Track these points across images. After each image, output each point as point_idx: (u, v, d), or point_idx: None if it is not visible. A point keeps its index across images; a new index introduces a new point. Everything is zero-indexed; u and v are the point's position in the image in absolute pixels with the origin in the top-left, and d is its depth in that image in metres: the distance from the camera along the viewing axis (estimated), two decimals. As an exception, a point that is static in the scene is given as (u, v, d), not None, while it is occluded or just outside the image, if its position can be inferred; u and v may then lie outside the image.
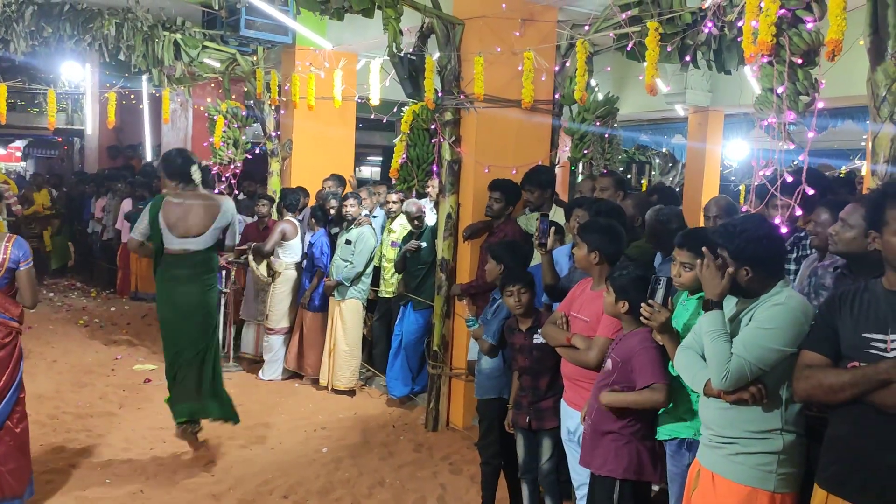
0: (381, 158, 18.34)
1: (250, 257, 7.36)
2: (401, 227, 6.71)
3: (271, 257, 7.18)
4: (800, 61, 3.62)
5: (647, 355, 3.08)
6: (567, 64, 5.63)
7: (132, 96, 11.49)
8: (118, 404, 6.23)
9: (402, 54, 5.74)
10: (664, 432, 3.14)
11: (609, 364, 3.21)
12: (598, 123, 5.63)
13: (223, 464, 5.08)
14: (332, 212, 7.00)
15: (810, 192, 3.63)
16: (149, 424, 5.76)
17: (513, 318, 4.02)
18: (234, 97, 8.64)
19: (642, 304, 2.99)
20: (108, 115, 8.90)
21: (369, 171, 21.86)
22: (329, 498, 4.62)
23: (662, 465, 3.18)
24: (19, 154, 21.34)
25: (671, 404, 3.07)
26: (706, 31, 4.35)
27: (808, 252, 3.66)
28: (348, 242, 6.68)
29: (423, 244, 6.25)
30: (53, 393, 6.39)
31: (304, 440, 5.64)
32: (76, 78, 14.16)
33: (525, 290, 3.91)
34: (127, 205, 11.01)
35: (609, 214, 3.94)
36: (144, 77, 10.52)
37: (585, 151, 5.73)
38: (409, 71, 5.72)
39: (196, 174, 4.90)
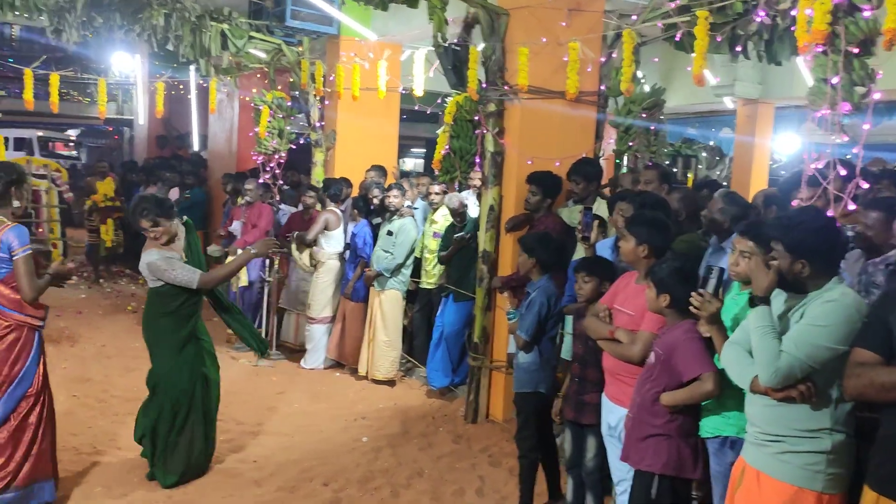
0: (424, 150, 18.37)
1: (293, 246, 7.44)
2: (443, 218, 6.71)
3: (314, 247, 7.25)
4: (856, 51, 3.51)
5: (691, 346, 3.03)
6: (614, 55, 5.55)
7: (180, 86, 11.68)
8: (164, 389, 6.35)
9: (446, 45, 5.71)
10: (707, 429, 3.08)
11: (653, 358, 3.17)
12: (644, 116, 5.54)
13: (265, 450, 5.15)
14: (375, 202, 7.02)
15: (864, 185, 3.53)
16: (193, 409, 5.86)
17: (583, 306, 3.97)
18: (279, 87, 8.72)
19: (693, 294, 2.94)
20: (157, 104, 9.07)
21: (412, 163, 21.90)
22: (368, 487, 4.65)
23: (704, 463, 3.13)
24: (72, 143, 21.90)
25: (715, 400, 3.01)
26: (758, 20, 4.25)
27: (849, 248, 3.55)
28: (390, 233, 6.70)
29: (467, 235, 6.23)
30: (102, 377, 6.55)
31: (344, 429, 5.68)
32: (126, 68, 14.47)
33: (588, 278, 3.83)
34: (174, 194, 11.20)
35: (654, 207, 3.87)
36: (192, 67, 10.68)
37: (631, 144, 5.65)
38: (454, 62, 5.70)
39: None
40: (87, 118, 18.34)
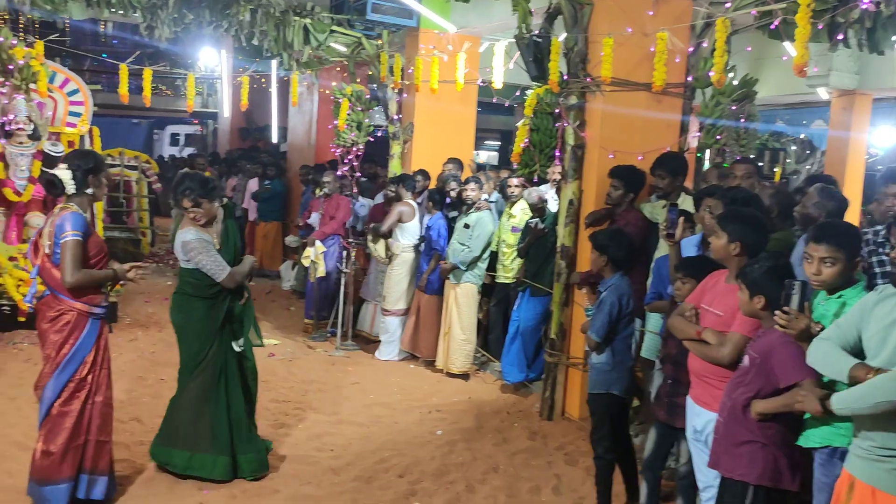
0: (498, 142, 18.27)
1: (369, 238, 7.50)
2: (521, 212, 6.63)
3: (389, 239, 7.29)
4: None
5: (788, 351, 2.87)
6: (704, 44, 5.34)
7: (262, 80, 11.94)
8: (244, 376, 6.50)
9: (528, 36, 5.63)
10: (814, 439, 2.89)
11: (746, 361, 3.03)
12: (733, 108, 5.33)
13: (342, 440, 5.21)
14: (452, 195, 7.00)
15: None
16: (272, 397, 5.98)
17: (673, 305, 3.85)
18: (358, 80, 8.80)
19: (776, 312, 2.80)
20: (242, 98, 9.28)
21: (486, 156, 21.82)
22: (443, 480, 4.64)
23: (802, 474, 2.97)
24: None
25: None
26: (861, 6, 4.01)
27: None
28: (466, 226, 6.67)
29: (544, 226, 6.14)
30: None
31: (418, 421, 5.70)
32: (211, 63, 14.90)
33: (687, 279, 3.69)
34: (253, 184, 11.48)
35: (746, 203, 3.71)
36: (274, 61, 10.90)
37: (718, 137, 5.45)
38: (535, 53, 5.60)
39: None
40: (174, 111, 19.02)
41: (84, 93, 8.13)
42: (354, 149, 8.44)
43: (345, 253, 7.62)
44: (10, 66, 7.05)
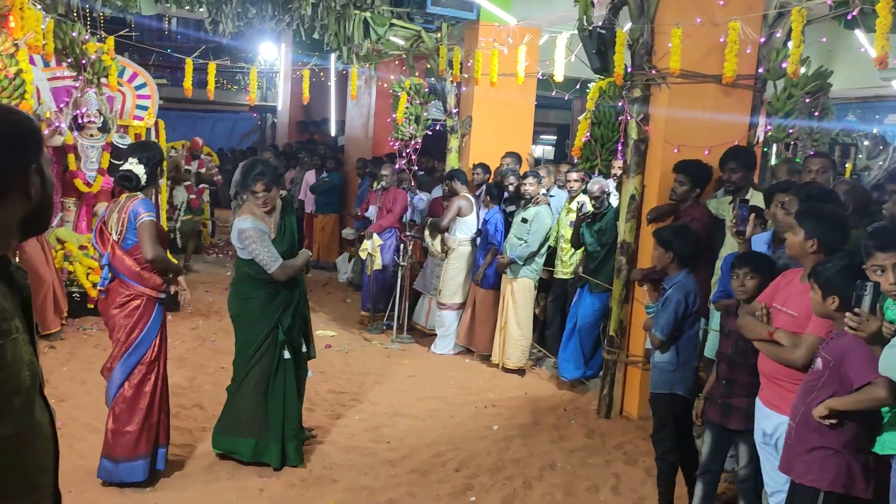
0: (555, 137, 18.09)
1: (426, 232, 7.50)
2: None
3: (445, 233, 7.27)
4: None
5: (862, 351, 2.76)
6: (778, 34, 5.16)
7: (321, 73, 12.05)
8: (302, 366, 6.57)
9: (591, 28, 5.53)
10: (891, 445, 2.78)
11: (819, 363, 2.92)
12: (807, 101, 5.14)
13: (398, 432, 5.22)
14: (511, 188, 6.95)
15: None
16: (329, 388, 6.04)
17: (734, 303, 3.75)
18: (416, 74, 8.80)
19: (847, 314, 2.68)
20: (303, 91, 9.37)
21: (542, 150, 21.63)
22: (500, 476, 4.61)
23: (877, 481, 2.85)
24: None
25: None
26: (949, -6, 3.81)
27: None
28: (524, 221, 6.61)
29: (588, 210, 6.02)
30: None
31: (474, 416, 5.67)
32: (271, 57, 15.10)
33: (752, 274, 3.57)
34: (311, 177, 11.60)
35: (822, 199, 3.57)
36: (333, 55, 10.97)
37: (790, 131, 5.26)
38: (598, 45, 5.50)
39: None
40: (235, 105, 19.36)
41: (151, 87, 8.32)
42: (412, 142, 8.44)
43: (401, 246, 7.63)
44: (84, 61, 7.26)
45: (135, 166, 4.01)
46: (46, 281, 6.52)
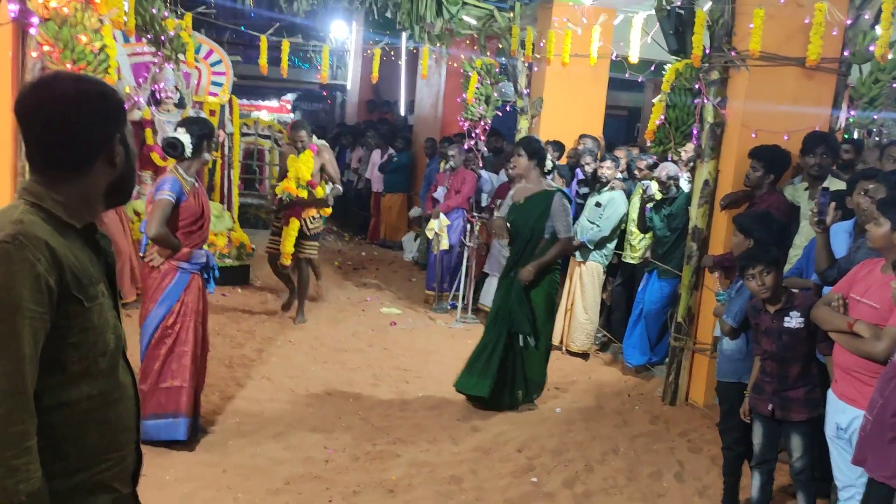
0: (625, 119, 17.74)
1: (494, 213, 7.48)
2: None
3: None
4: None
5: None
6: (866, 16, 4.94)
7: (392, 52, 12.10)
8: (367, 342, 6.69)
9: (670, 7, 5.40)
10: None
11: (900, 357, 2.82)
12: (894, 85, 4.91)
13: (461, 411, 5.27)
14: (588, 170, 6.86)
15: None
16: (394, 364, 6.14)
17: (758, 298, 3.66)
18: (488, 53, 8.74)
19: None
20: (373, 70, 9.44)
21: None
22: (562, 458, 4.61)
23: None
24: (289, 107, 23.54)
25: None
26: None
27: None
28: (598, 205, 6.53)
29: (655, 194, 5.91)
30: (313, 326, 7.02)
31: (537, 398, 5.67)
32: (341, 35, 15.23)
33: (769, 270, 3.52)
34: (376, 156, 11.71)
35: (908, 189, 3.43)
36: (404, 34, 11.00)
37: (875, 117, 5.05)
38: (676, 26, 5.37)
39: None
40: (305, 83, 19.60)
41: (226, 63, 8.51)
42: (482, 122, 8.41)
43: (468, 227, 7.65)
44: (163, 38, 7.46)
45: (182, 135, 4.17)
46: (124, 252, 6.76)
